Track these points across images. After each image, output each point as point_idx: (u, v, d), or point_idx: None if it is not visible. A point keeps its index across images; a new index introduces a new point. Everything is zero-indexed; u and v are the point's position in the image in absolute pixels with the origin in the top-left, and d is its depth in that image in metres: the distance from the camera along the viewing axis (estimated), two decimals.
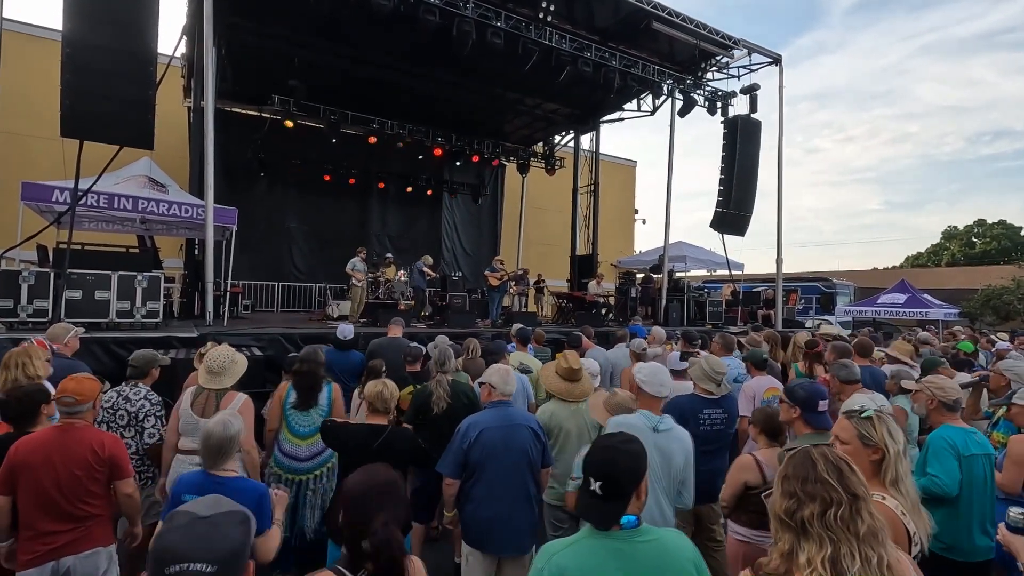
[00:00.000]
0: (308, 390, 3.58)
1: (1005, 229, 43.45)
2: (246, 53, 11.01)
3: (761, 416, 2.91)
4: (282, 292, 14.97)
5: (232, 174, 13.39)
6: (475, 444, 2.68)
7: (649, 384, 2.66)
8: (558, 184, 17.59)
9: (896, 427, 1.80)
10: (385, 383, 2.98)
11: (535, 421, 2.97)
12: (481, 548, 2.68)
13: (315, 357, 3.72)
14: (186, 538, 1.05)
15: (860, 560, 1.22)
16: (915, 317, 17.99)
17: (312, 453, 3.50)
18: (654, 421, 2.54)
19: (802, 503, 1.30)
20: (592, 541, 1.53)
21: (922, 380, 3.23)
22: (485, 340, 7.13)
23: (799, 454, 1.40)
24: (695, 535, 3.63)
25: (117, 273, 6.81)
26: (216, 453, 2.23)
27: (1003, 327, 20.62)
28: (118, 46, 6.47)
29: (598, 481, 1.52)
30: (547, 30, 10.13)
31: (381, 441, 2.71)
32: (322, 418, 3.52)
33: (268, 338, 7.14)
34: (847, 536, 1.24)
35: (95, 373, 5.21)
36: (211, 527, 1.08)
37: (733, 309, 14.09)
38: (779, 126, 13.33)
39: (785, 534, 1.32)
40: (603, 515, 1.53)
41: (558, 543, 1.58)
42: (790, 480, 1.35)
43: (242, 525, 1.14)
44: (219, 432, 2.23)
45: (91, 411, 2.59)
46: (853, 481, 1.30)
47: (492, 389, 2.89)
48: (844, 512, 1.26)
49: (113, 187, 7.91)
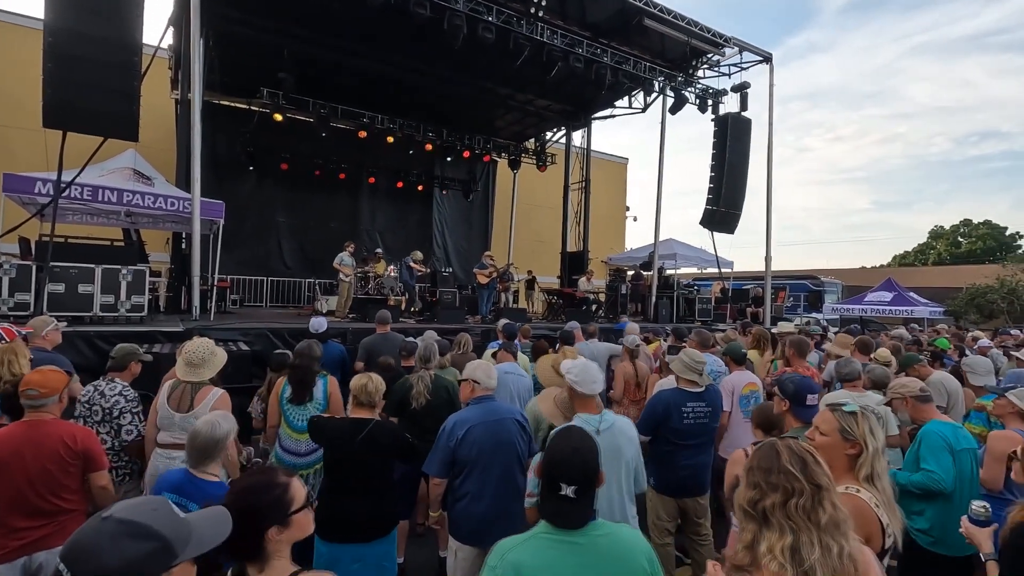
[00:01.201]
0: (301, 384, 3.55)
1: (990, 229, 44.06)
2: (234, 44, 10.88)
3: (758, 411, 2.93)
4: (271, 287, 14.84)
5: (220, 168, 13.26)
6: (463, 442, 2.65)
7: (582, 383, 2.53)
8: (549, 180, 17.58)
9: (878, 426, 1.81)
10: (370, 376, 2.96)
11: (519, 412, 2.96)
12: (473, 544, 2.65)
13: (308, 352, 3.69)
14: (80, 536, 0.94)
15: (820, 549, 1.22)
16: (901, 315, 18.20)
17: (312, 447, 3.48)
18: (594, 423, 2.44)
19: (765, 493, 1.30)
20: (548, 536, 1.52)
21: (888, 389, 3.31)
22: (476, 335, 7.14)
23: (765, 446, 1.41)
24: (681, 529, 3.66)
25: (101, 266, 6.73)
26: (200, 454, 2.18)
27: (987, 325, 20.92)
28: (102, 35, 6.35)
29: (572, 486, 1.51)
30: (539, 25, 10.10)
31: (364, 435, 2.68)
32: (318, 411, 3.52)
33: (255, 333, 7.08)
34: (808, 526, 1.25)
35: (77, 368, 5.17)
36: (96, 533, 0.94)
37: (722, 306, 14.19)
38: (769, 124, 13.39)
39: (749, 524, 1.32)
40: (579, 516, 1.53)
41: (511, 540, 1.56)
42: (754, 471, 1.36)
43: (133, 541, 0.94)
44: (205, 432, 2.18)
45: (58, 404, 2.53)
46: (817, 472, 1.31)
47: (476, 384, 2.86)
48: (806, 502, 1.26)
49: (97, 179, 7.80)
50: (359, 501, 2.72)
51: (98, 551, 0.92)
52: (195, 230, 7.99)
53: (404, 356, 4.53)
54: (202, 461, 2.20)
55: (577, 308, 11.90)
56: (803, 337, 4.96)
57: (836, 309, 20.48)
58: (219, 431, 2.22)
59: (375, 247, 13.66)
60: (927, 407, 3.02)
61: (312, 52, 11.33)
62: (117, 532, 0.94)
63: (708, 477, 3.57)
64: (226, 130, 13.56)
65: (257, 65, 11.70)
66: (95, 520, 0.97)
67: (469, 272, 13.52)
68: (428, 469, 2.68)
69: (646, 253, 14.49)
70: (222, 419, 2.28)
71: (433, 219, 17.94)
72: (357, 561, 2.69)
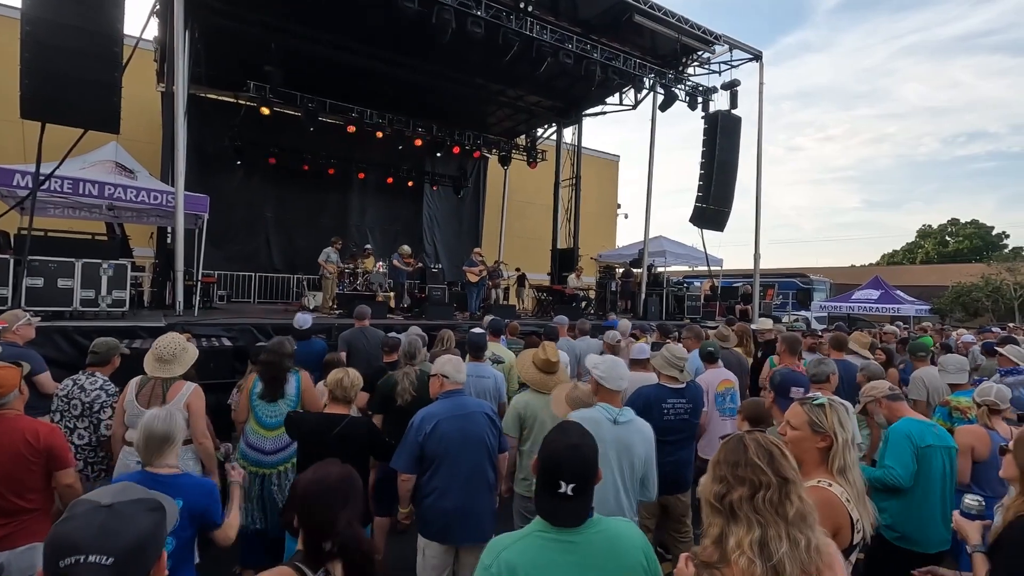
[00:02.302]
0: (272, 380, 3.50)
1: (977, 228, 44.62)
2: (220, 37, 10.73)
3: (748, 404, 2.95)
4: (259, 283, 14.71)
5: (207, 161, 13.08)
6: (431, 436, 2.62)
7: (608, 379, 2.62)
8: (540, 177, 17.55)
9: (847, 417, 1.80)
10: (347, 371, 2.92)
11: (489, 407, 2.93)
12: (441, 540, 2.63)
13: (279, 348, 3.64)
14: (83, 528, 0.96)
15: (788, 542, 1.20)
16: (888, 313, 18.35)
17: (277, 447, 3.41)
18: (614, 413, 2.51)
19: (732, 487, 1.28)
20: (544, 535, 1.49)
21: (860, 395, 3.36)
22: (462, 332, 7.10)
23: (732, 439, 1.39)
24: (661, 526, 3.65)
25: (81, 260, 6.62)
26: (154, 449, 2.13)
27: (972, 324, 21.18)
28: (81, 25, 6.25)
29: (571, 483, 1.46)
30: (528, 20, 10.04)
31: (338, 431, 2.65)
32: (290, 408, 3.45)
33: (238, 328, 7.01)
34: (775, 519, 1.23)
35: (56, 363, 5.08)
36: (112, 516, 0.99)
37: (711, 304, 14.25)
38: (759, 122, 13.44)
39: (716, 519, 1.30)
40: (575, 514, 1.50)
41: (506, 538, 1.53)
42: (721, 465, 1.34)
43: (152, 513, 1.05)
44: (154, 427, 2.13)
45: (20, 398, 2.47)
46: (784, 465, 1.29)
47: (444, 379, 2.83)
48: (773, 495, 1.24)
49: (78, 172, 7.67)
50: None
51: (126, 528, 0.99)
52: (179, 224, 7.89)
53: (386, 352, 4.47)
54: (158, 456, 2.14)
55: (567, 305, 11.91)
56: (796, 335, 4.98)
57: (824, 307, 20.63)
58: (171, 423, 2.18)
59: (364, 243, 13.57)
60: (899, 405, 3.05)
61: (299, 45, 11.20)
62: (135, 510, 1.03)
63: (689, 474, 3.56)
64: (212, 124, 13.38)
65: (244, 58, 11.56)
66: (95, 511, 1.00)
67: (459, 269, 13.46)
68: (396, 465, 2.64)
69: (636, 250, 14.48)
70: (173, 412, 2.23)
71: (423, 215, 17.85)
72: None
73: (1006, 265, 26.75)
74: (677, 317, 12.99)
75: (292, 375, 3.60)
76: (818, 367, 3.66)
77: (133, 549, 0.98)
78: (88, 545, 0.94)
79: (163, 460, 2.15)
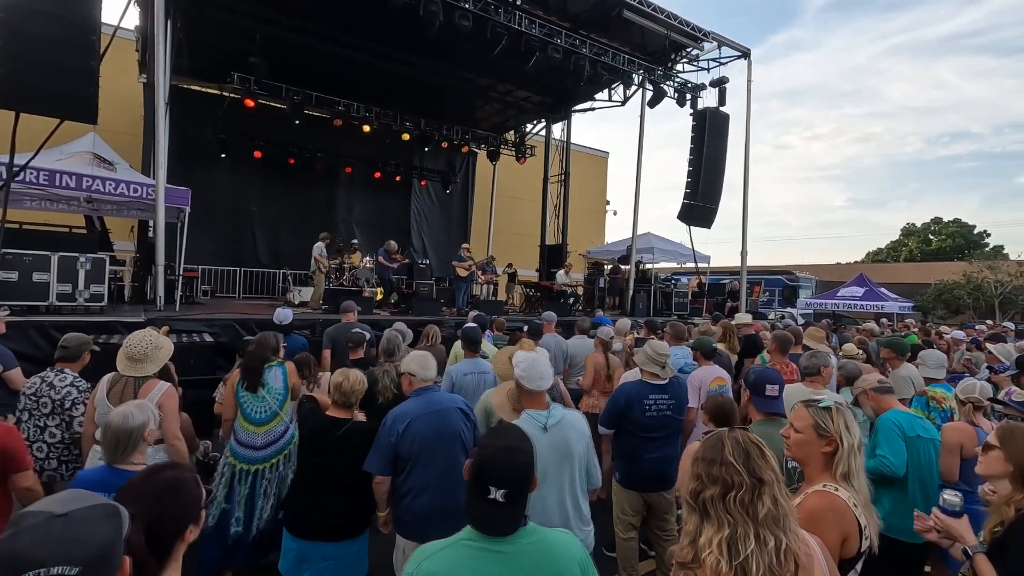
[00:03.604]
0: (252, 371, 3.44)
1: (960, 227, 45.28)
2: (203, 26, 10.52)
3: (711, 404, 2.89)
4: (244, 278, 14.51)
5: (190, 154, 12.84)
6: (404, 436, 2.55)
7: (528, 379, 2.40)
8: (530, 173, 17.49)
9: (853, 421, 1.75)
10: (347, 374, 2.82)
11: (462, 401, 2.87)
12: (419, 540, 2.56)
13: (263, 340, 3.59)
14: (41, 540, 0.90)
15: (756, 542, 1.19)
16: (872, 310, 18.58)
17: (268, 441, 3.35)
18: (542, 419, 2.33)
19: (705, 485, 1.27)
20: (470, 544, 1.40)
21: (853, 387, 3.38)
22: (449, 328, 7.05)
23: (712, 437, 1.37)
24: (645, 523, 3.63)
25: (58, 254, 6.47)
26: (115, 447, 2.07)
27: (953, 321, 21.51)
28: (58, 12, 6.08)
29: (501, 489, 1.38)
30: (517, 14, 9.97)
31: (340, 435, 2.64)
32: (277, 402, 3.39)
33: (220, 324, 6.89)
34: (745, 519, 1.21)
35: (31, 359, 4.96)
36: (71, 525, 0.94)
37: (699, 300, 14.31)
38: (747, 120, 13.49)
39: (692, 516, 1.29)
40: (506, 522, 1.41)
41: (433, 545, 1.45)
42: (699, 462, 1.32)
43: (110, 519, 0.99)
44: (117, 424, 2.07)
45: None
46: (760, 466, 1.26)
47: (412, 377, 2.77)
48: (744, 496, 1.23)
49: (55, 163, 7.48)
50: (331, 500, 2.68)
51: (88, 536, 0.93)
52: (159, 217, 7.73)
53: (351, 347, 4.36)
54: (121, 453, 2.09)
55: (555, 301, 11.88)
56: (786, 333, 4.97)
57: (810, 304, 20.86)
58: (133, 420, 2.12)
59: (351, 238, 13.44)
60: (887, 398, 3.07)
61: (285, 36, 11.00)
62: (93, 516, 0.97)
63: (674, 471, 3.53)
64: (195, 116, 13.13)
65: (228, 48, 11.35)
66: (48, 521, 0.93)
67: (447, 264, 13.39)
68: (369, 467, 2.57)
69: (624, 247, 14.50)
70: (136, 410, 2.17)
71: (411, 210, 17.70)
72: (326, 560, 2.67)
73: (987, 263, 27.18)
74: (665, 313, 13.05)
75: (277, 368, 3.52)
76: (810, 360, 3.65)
77: (99, 557, 0.93)
78: (49, 557, 0.88)
79: (129, 457, 2.09)
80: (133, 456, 2.11)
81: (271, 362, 3.50)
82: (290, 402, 3.49)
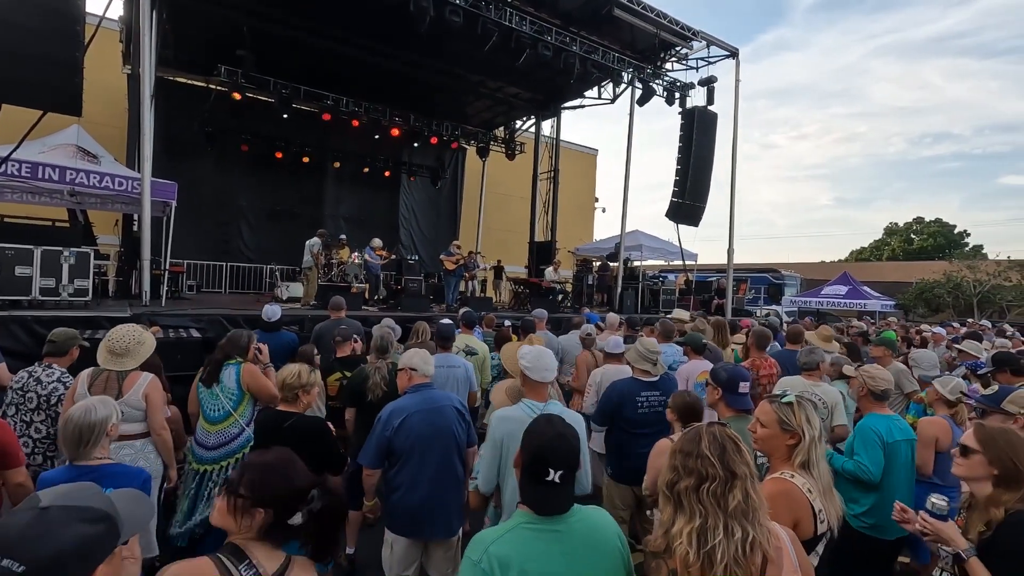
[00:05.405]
0: (213, 365, 3.42)
1: (941, 227, 46.10)
2: (190, 17, 10.36)
3: (677, 402, 2.85)
4: (231, 272, 14.38)
5: (176, 147, 12.68)
6: (399, 431, 2.57)
7: (534, 370, 2.47)
8: (519, 170, 17.49)
9: (814, 414, 1.84)
10: (300, 368, 2.80)
11: (457, 400, 2.89)
12: (408, 535, 2.60)
13: (234, 337, 3.57)
14: (10, 527, 0.89)
15: (724, 533, 1.24)
16: (855, 308, 18.90)
17: (219, 442, 3.29)
18: (538, 408, 2.40)
19: (680, 476, 1.33)
20: (529, 527, 1.49)
21: (859, 368, 3.37)
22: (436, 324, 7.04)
23: (691, 430, 1.43)
24: (635, 517, 3.69)
25: (40, 248, 6.37)
26: (76, 442, 2.03)
27: (934, 319, 21.94)
28: (40, 1, 5.96)
29: (559, 471, 1.49)
30: (507, 11, 9.96)
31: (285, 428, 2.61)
32: (231, 402, 3.33)
33: (207, 319, 6.83)
34: (716, 511, 1.27)
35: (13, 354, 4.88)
36: (38, 521, 0.90)
37: (686, 298, 14.42)
38: (734, 119, 13.61)
39: (667, 507, 1.35)
40: (563, 501, 1.52)
41: (491, 532, 1.52)
42: (676, 455, 1.38)
43: (87, 525, 0.94)
44: (79, 417, 2.04)
45: None
46: (734, 460, 1.32)
47: (413, 372, 2.78)
48: (717, 488, 1.28)
49: (37, 156, 7.36)
50: None
51: (48, 537, 0.90)
52: (145, 211, 7.64)
53: (338, 342, 4.33)
54: (82, 449, 2.06)
55: (543, 298, 11.92)
56: (764, 329, 5.06)
57: (795, 302, 21.14)
58: (95, 415, 2.09)
59: (339, 233, 13.35)
60: (875, 404, 3.06)
61: (273, 29, 10.88)
62: (66, 518, 0.93)
63: None
64: (182, 108, 12.96)
65: (215, 41, 11.21)
66: (28, 512, 0.93)
67: (436, 260, 13.37)
68: (362, 460, 2.59)
69: (613, 244, 14.59)
70: (99, 403, 2.15)
71: (400, 206, 17.64)
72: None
73: (967, 263, 27.78)
74: (652, 310, 13.15)
75: (233, 367, 3.45)
76: (808, 356, 3.73)
77: (48, 562, 0.88)
78: (6, 547, 0.87)
79: (91, 452, 2.06)
80: (95, 451, 2.08)
81: (231, 360, 3.47)
82: (248, 405, 3.42)
